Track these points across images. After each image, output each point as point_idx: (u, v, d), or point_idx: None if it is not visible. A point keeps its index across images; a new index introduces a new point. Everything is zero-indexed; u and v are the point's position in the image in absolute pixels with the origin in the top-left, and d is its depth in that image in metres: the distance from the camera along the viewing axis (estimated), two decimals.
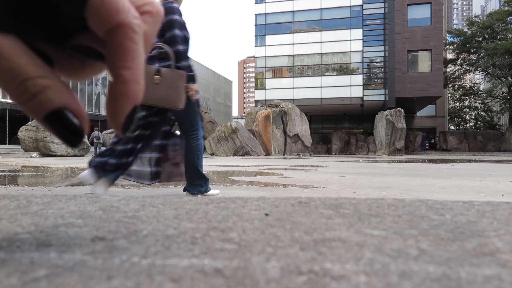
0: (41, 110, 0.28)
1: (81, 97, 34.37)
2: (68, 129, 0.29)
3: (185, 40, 2.57)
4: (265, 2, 33.19)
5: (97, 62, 0.35)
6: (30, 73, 0.28)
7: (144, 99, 2.19)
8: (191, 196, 2.74)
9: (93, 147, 19.34)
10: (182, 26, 2.59)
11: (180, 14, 2.62)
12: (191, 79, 2.57)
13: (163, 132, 2.79)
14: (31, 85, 0.28)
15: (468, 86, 38.46)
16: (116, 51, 0.30)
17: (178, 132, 2.87)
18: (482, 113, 42.58)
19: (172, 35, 2.54)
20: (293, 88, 32.09)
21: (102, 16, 0.29)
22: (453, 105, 42.17)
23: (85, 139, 18.53)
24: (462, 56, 34.03)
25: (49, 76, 0.29)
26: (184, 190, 2.87)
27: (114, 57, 0.30)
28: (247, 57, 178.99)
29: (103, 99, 37.12)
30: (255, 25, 33.37)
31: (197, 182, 2.80)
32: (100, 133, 19.70)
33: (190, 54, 2.87)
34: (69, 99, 0.29)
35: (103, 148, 24.11)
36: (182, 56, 2.54)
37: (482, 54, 31.10)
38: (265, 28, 33.18)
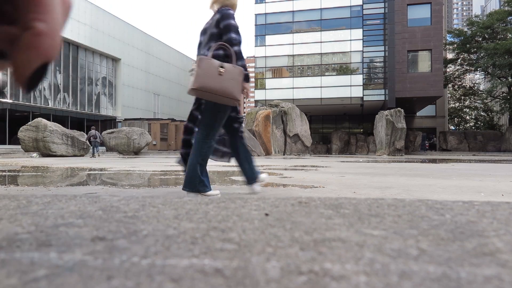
0: None
1: (81, 97, 34.37)
2: None
3: (240, 42, 2.87)
4: (265, 2, 33.18)
5: None
6: None
7: (206, 87, 2.56)
8: (190, 194, 2.88)
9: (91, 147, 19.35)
10: (237, 30, 2.87)
11: (235, 20, 2.92)
12: (246, 78, 2.81)
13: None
14: None
15: (468, 86, 38.45)
16: (29, 2, 0.27)
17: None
18: (482, 113, 42.56)
19: (229, 37, 2.80)
20: (293, 88, 32.08)
21: None
22: (453, 105, 42.16)
23: (85, 139, 18.52)
24: (462, 56, 34.02)
25: None
26: (183, 188, 2.97)
27: (27, 9, 0.27)
28: (247, 57, 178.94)
29: (103, 99, 37.11)
30: (255, 25, 33.35)
31: (193, 184, 2.91)
32: (97, 132, 19.69)
33: (193, 55, 3.03)
34: None
35: (103, 148, 24.12)
36: (238, 56, 2.80)
37: (482, 54, 31.09)
38: (265, 28, 33.17)
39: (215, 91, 2.58)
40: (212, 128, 2.84)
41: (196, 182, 2.84)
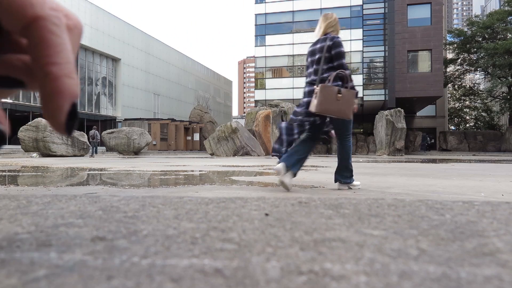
0: None
1: (81, 97, 34.35)
2: None
3: (347, 67, 3.49)
4: (265, 2, 33.19)
5: (16, 89, 0.32)
6: None
7: (326, 111, 3.25)
8: (341, 186, 3.57)
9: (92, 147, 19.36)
10: (345, 55, 3.49)
11: (343, 46, 3.52)
12: (356, 95, 3.43)
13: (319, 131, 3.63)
14: None
15: (468, 86, 38.45)
16: (38, 47, 0.27)
17: (333, 133, 3.67)
18: (482, 113, 42.57)
19: (341, 63, 3.41)
20: (293, 88, 32.08)
21: (15, 11, 0.27)
22: (453, 105, 42.16)
23: (85, 139, 18.52)
24: (462, 56, 34.02)
25: None
26: (336, 181, 3.62)
27: (38, 54, 0.27)
28: (247, 57, 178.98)
29: (103, 99, 37.11)
30: (255, 25, 33.36)
31: (347, 174, 3.56)
32: (97, 132, 19.71)
33: (192, 55, 3.19)
34: None
35: (103, 148, 24.10)
36: (350, 79, 3.44)
37: (482, 54, 31.09)
38: (265, 28, 33.17)
39: (333, 113, 3.29)
40: (346, 133, 3.62)
41: (347, 174, 3.54)
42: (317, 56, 3.49)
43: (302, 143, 3.48)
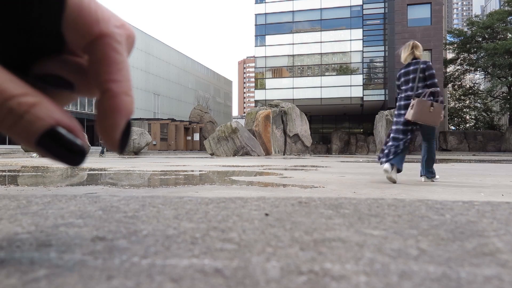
0: (32, 132, 0.24)
1: (81, 97, 34.34)
2: (67, 148, 0.26)
3: (438, 85, 4.35)
4: (265, 2, 33.19)
5: (64, 91, 0.31)
6: (11, 91, 0.24)
7: (421, 120, 4.10)
8: (427, 179, 4.40)
9: (99, 147, 19.42)
10: (435, 76, 4.37)
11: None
12: (443, 108, 4.24)
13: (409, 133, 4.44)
14: (15, 105, 0.24)
15: (468, 86, 38.44)
16: (100, 63, 0.28)
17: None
18: (482, 113, 42.56)
19: (433, 82, 4.27)
20: (293, 88, 32.09)
21: (81, 27, 0.27)
22: (453, 105, 42.15)
23: (85, 139, 18.49)
24: (462, 56, 34.02)
25: (32, 93, 0.25)
26: (421, 175, 4.48)
27: (99, 70, 0.28)
28: (247, 57, 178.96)
29: None
30: (255, 25, 33.36)
31: (431, 170, 4.40)
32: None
33: (192, 55, 3.29)
34: (59, 114, 0.26)
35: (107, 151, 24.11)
36: (439, 94, 4.24)
37: (482, 54, 31.08)
38: (265, 28, 33.17)
39: (426, 121, 4.15)
40: (432, 136, 4.44)
41: (431, 170, 4.40)
42: (411, 76, 4.36)
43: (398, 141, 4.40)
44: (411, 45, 4.45)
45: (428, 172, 4.40)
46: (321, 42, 32.19)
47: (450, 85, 36.63)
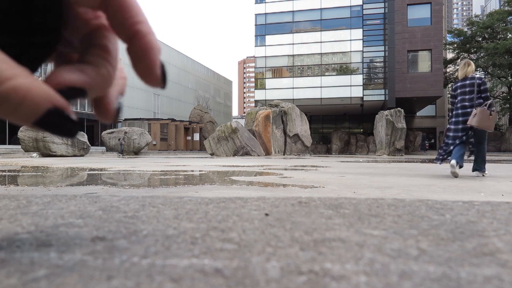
0: (30, 117, 0.25)
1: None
2: (63, 124, 0.27)
3: (490, 97, 5.15)
4: (265, 2, 33.18)
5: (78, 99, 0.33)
6: (5, 73, 0.24)
7: (482, 126, 4.91)
8: (479, 174, 5.19)
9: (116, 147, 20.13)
10: (488, 90, 5.20)
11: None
12: (496, 116, 5.03)
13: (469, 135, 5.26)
14: (11, 90, 0.24)
15: None
16: (121, 11, 0.29)
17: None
18: None
19: (487, 95, 5.10)
20: (293, 88, 32.08)
21: None
22: None
23: (85, 139, 18.52)
24: (462, 56, 34.00)
25: (25, 73, 0.25)
26: (473, 170, 5.25)
27: (122, 18, 0.29)
28: (247, 57, 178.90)
29: None
30: (255, 25, 33.36)
31: (483, 166, 5.17)
32: (124, 135, 20.37)
33: (192, 55, 3.30)
34: (53, 95, 0.26)
35: (103, 148, 24.13)
36: (493, 105, 5.03)
37: (482, 54, 31.08)
38: (265, 28, 33.17)
39: (484, 127, 4.95)
40: (485, 138, 5.20)
41: (483, 166, 5.17)
42: (467, 89, 5.19)
43: (461, 145, 5.12)
44: (466, 63, 5.33)
45: (481, 167, 5.24)
46: (321, 42, 32.19)
47: (450, 85, 36.61)
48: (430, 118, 36.39)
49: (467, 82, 5.17)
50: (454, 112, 5.34)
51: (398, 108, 20.78)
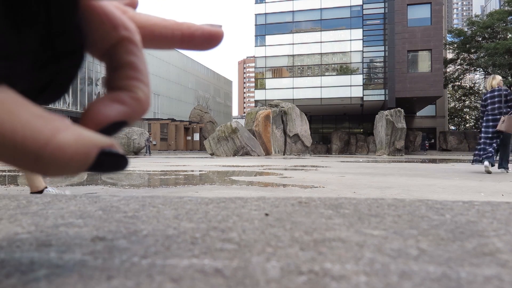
0: (81, 168, 0.23)
1: (81, 97, 34.38)
2: (114, 163, 0.25)
3: None
4: (265, 2, 33.17)
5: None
6: (44, 133, 0.21)
7: (509, 130, 5.75)
8: (504, 171, 6.06)
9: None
10: None
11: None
12: None
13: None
14: (57, 152, 0.21)
15: (468, 86, 38.42)
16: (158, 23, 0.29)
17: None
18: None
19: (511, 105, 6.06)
20: (293, 88, 32.08)
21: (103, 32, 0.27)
22: (454, 105, 42.14)
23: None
24: (462, 56, 34.00)
25: (65, 125, 0.22)
26: (499, 167, 6.10)
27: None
28: (247, 57, 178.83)
29: None
30: (255, 25, 33.35)
31: (507, 164, 5.97)
32: (150, 136, 20.66)
33: (192, 55, 3.36)
34: (98, 140, 0.24)
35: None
36: None
37: (482, 54, 31.08)
38: (265, 28, 33.17)
39: (510, 130, 5.82)
40: (510, 141, 6.07)
41: (507, 164, 6.00)
42: (496, 99, 6.05)
43: (492, 147, 5.94)
44: (492, 77, 6.25)
45: (506, 165, 6.09)
46: (321, 42, 32.19)
47: (450, 85, 36.62)
48: (430, 118, 36.38)
49: (495, 93, 6.09)
50: (485, 118, 6.25)
51: (398, 108, 20.78)
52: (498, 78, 6.20)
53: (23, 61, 0.22)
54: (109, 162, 0.24)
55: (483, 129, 6.23)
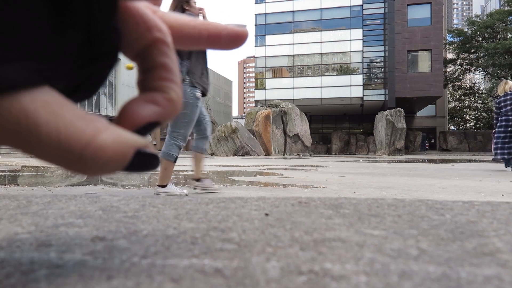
0: (118, 168, 0.24)
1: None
2: (147, 163, 0.25)
3: None
4: (265, 2, 33.18)
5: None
6: (86, 133, 0.21)
7: None
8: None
9: None
10: None
11: None
12: None
13: None
14: (98, 152, 0.22)
15: (468, 86, 38.42)
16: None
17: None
18: (483, 114, 42.53)
19: None
20: (293, 88, 32.08)
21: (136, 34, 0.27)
22: (454, 106, 42.13)
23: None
24: (462, 56, 34.00)
25: (104, 124, 0.23)
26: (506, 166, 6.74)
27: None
28: (247, 57, 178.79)
29: (103, 99, 37.12)
30: (255, 25, 33.36)
31: None
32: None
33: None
34: (134, 140, 0.24)
35: None
36: None
37: (482, 54, 31.09)
38: (265, 28, 33.17)
39: None
40: None
41: None
42: (508, 102, 6.60)
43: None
44: (504, 82, 6.87)
45: None
46: (321, 42, 32.19)
47: (450, 85, 36.61)
48: (430, 118, 36.38)
49: (508, 97, 6.67)
50: (500, 119, 6.80)
51: (398, 108, 20.78)
52: (510, 83, 6.84)
53: (65, 63, 0.22)
54: (143, 162, 0.25)
55: (497, 129, 6.81)
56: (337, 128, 35.35)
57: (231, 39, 0.31)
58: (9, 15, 0.19)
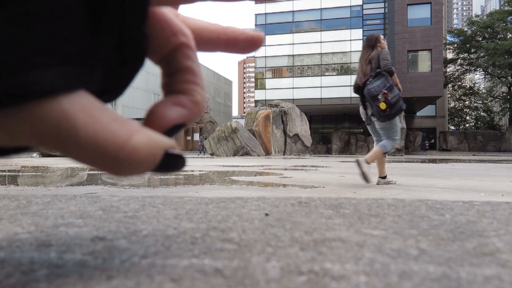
0: (148, 169, 0.24)
1: None
2: (175, 164, 0.26)
3: None
4: (265, 2, 33.15)
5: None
6: (121, 135, 0.22)
7: None
8: None
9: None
10: None
11: None
12: None
13: None
14: (133, 154, 0.22)
15: (468, 86, 38.42)
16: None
17: None
18: (482, 114, 42.53)
19: None
20: (293, 88, 32.07)
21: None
22: (454, 106, 42.13)
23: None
24: (462, 56, 33.99)
25: (136, 126, 0.24)
26: None
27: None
28: (247, 57, 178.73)
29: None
30: (255, 25, 33.32)
31: None
32: (203, 137, 20.91)
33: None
34: (163, 141, 0.25)
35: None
36: None
37: (482, 54, 31.08)
38: (265, 28, 33.14)
39: None
40: None
41: None
42: None
43: None
44: None
45: None
46: (321, 42, 32.18)
47: (450, 85, 36.61)
48: (430, 118, 36.36)
49: None
50: None
51: None
52: None
53: (99, 67, 0.23)
54: (171, 163, 0.25)
55: None
56: (337, 128, 35.34)
57: (248, 43, 0.32)
58: (51, 21, 0.19)
